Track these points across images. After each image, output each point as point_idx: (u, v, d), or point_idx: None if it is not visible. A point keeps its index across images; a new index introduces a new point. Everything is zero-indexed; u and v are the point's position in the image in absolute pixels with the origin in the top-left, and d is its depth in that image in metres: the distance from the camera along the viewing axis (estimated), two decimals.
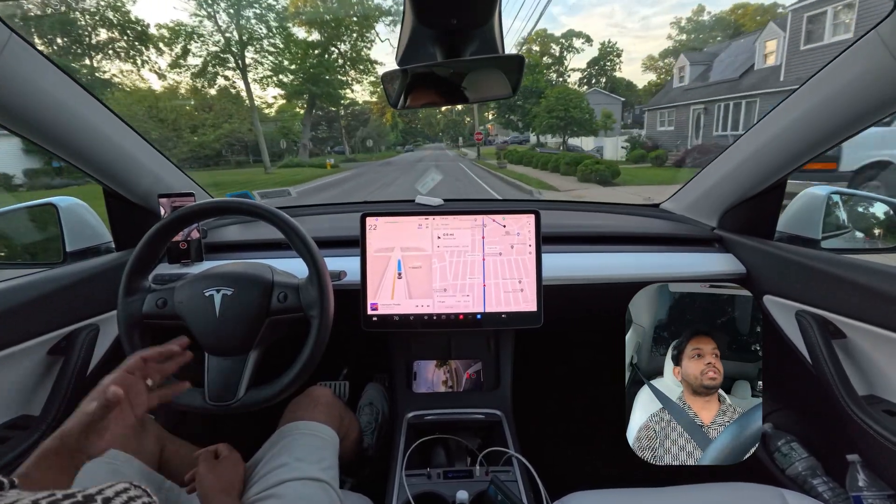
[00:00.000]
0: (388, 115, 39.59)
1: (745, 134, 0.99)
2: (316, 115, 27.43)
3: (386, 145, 41.44)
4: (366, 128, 36.46)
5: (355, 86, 25.07)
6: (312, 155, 25.51)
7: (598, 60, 32.27)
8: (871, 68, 0.68)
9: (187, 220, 0.81)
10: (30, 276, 0.86)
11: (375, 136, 36.91)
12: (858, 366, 0.84)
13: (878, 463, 0.77)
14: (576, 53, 30.45)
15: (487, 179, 12.19)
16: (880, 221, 1.12)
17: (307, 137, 23.93)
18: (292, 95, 23.33)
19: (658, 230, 1.21)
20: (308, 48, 21.54)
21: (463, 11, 0.57)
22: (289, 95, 23.60)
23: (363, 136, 35.12)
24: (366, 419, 1.19)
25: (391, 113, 38.53)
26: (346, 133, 32.93)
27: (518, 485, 0.83)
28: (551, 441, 1.31)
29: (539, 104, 21.14)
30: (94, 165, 0.94)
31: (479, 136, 27.87)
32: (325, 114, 30.56)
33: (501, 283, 0.96)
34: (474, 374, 1.11)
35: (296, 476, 0.69)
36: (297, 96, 23.26)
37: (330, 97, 23.57)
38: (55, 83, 0.78)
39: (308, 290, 0.78)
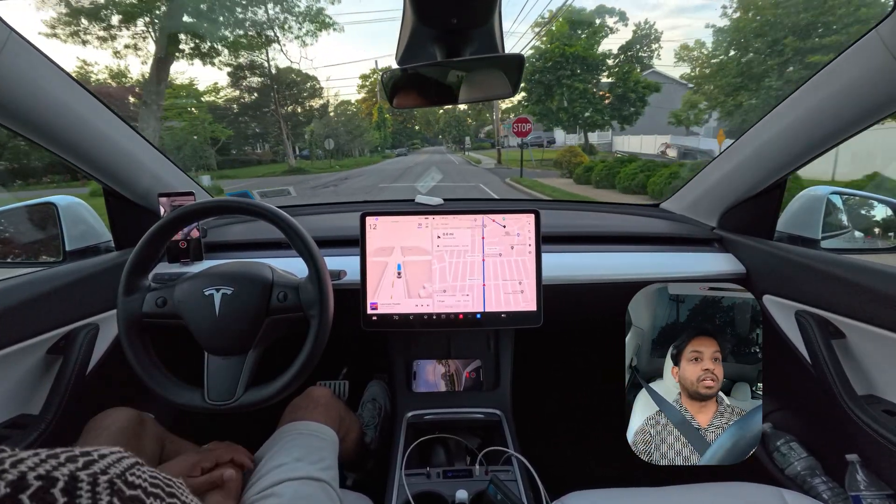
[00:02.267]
0: (374, 111, 35.03)
1: (745, 134, 0.99)
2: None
3: (369, 148, 32.88)
4: (323, 122, 26.08)
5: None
6: (244, 163, 20.21)
7: (630, 45, 20.42)
8: (871, 68, 0.68)
9: (187, 220, 0.81)
10: (29, 275, 0.86)
11: (343, 134, 26.69)
12: (858, 366, 0.84)
13: (878, 463, 0.77)
14: (607, 35, 19.19)
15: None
16: (880, 221, 1.12)
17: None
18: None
19: (658, 230, 1.21)
20: None
21: (463, 11, 0.57)
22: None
23: (324, 134, 24.89)
24: (368, 415, 1.20)
25: (377, 109, 34.50)
26: (285, 126, 23.01)
27: (517, 484, 0.83)
28: (551, 440, 1.31)
29: (592, 84, 16.02)
30: (94, 164, 0.94)
31: (522, 126, 12.73)
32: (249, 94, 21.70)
33: (501, 284, 0.96)
34: (474, 374, 1.11)
35: (295, 476, 0.69)
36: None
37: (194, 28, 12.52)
38: (54, 82, 0.77)
39: (308, 289, 0.78)
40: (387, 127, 37.43)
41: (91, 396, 0.86)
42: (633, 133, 19.68)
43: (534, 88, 17.53)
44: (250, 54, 17.70)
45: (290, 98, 25.50)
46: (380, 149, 35.68)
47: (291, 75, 24.26)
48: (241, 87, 23.16)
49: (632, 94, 16.98)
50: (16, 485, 0.20)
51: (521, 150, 14.34)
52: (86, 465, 0.24)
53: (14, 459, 0.22)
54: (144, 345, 0.78)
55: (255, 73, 22.65)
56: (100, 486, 0.23)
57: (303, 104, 26.55)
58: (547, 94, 17.40)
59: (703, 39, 26.37)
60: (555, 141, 24.01)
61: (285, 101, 25.17)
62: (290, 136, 23.76)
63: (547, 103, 17.53)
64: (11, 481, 0.20)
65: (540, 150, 19.06)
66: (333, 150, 26.40)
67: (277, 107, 23.73)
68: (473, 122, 44.85)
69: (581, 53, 16.67)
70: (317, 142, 24.98)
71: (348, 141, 27.88)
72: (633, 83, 17.16)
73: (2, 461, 0.21)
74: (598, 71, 17.38)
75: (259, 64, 21.40)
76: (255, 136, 26.04)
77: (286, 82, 24.63)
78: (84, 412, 0.77)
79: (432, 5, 0.56)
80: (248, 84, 23.18)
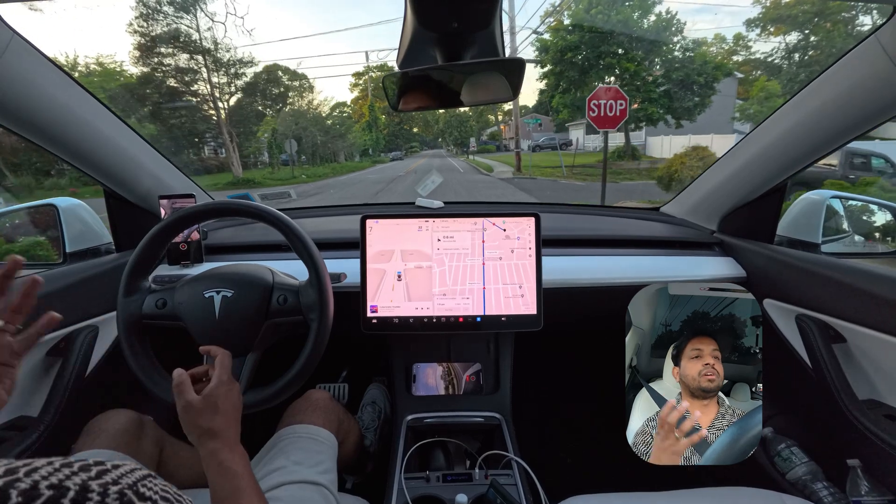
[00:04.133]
0: (365, 111, 32.03)
1: (745, 138, 0.99)
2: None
3: (358, 150, 28.11)
4: (286, 118, 20.06)
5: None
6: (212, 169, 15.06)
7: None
8: (871, 73, 0.68)
9: (187, 222, 0.81)
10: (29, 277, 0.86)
11: (318, 134, 21.05)
12: (859, 370, 0.84)
13: (879, 468, 0.77)
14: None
15: None
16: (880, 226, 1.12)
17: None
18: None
19: (658, 234, 1.21)
20: None
21: (464, 14, 0.58)
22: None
23: (288, 133, 18.92)
24: (368, 418, 1.20)
25: (367, 108, 31.94)
26: (226, 123, 16.91)
27: (518, 488, 0.83)
28: (551, 445, 1.31)
29: (644, 65, 11.55)
30: (95, 166, 0.94)
31: (608, 103, 6.17)
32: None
33: (502, 287, 0.96)
34: (474, 377, 1.11)
35: (293, 479, 0.69)
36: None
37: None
38: (57, 84, 0.78)
39: (308, 292, 0.78)
40: (379, 128, 33.70)
41: (90, 398, 0.85)
42: (655, 133, 15.70)
43: (564, 72, 13.28)
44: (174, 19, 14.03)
45: (234, 85, 18.04)
46: (371, 152, 31.73)
47: (229, 54, 17.45)
48: (162, 68, 16.42)
49: (699, 79, 12.57)
50: (28, 494, 0.20)
51: (605, 151, 7.78)
52: (98, 475, 0.24)
53: (28, 469, 0.22)
54: (144, 347, 0.78)
55: (179, 46, 16.10)
56: (110, 496, 0.23)
57: (254, 94, 19.05)
58: (581, 80, 13.15)
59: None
60: (571, 143, 18.17)
61: (226, 88, 17.69)
62: (233, 136, 17.15)
63: (580, 92, 12.83)
64: (24, 490, 0.21)
65: (571, 155, 14.49)
66: (310, 155, 21.47)
67: (211, 87, 16.89)
68: (475, 123, 42.49)
69: (631, 23, 12.05)
70: (278, 144, 18.81)
71: (325, 142, 22.25)
72: (701, 64, 12.72)
73: (16, 469, 0.22)
74: (655, 47, 12.80)
75: (185, 35, 15.79)
76: (194, 134, 18.09)
77: (224, 62, 17.39)
78: (83, 414, 0.77)
79: (433, 9, 0.57)
80: (172, 64, 16.49)
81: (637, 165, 11.81)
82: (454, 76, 0.68)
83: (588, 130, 17.71)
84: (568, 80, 13.58)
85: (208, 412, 0.60)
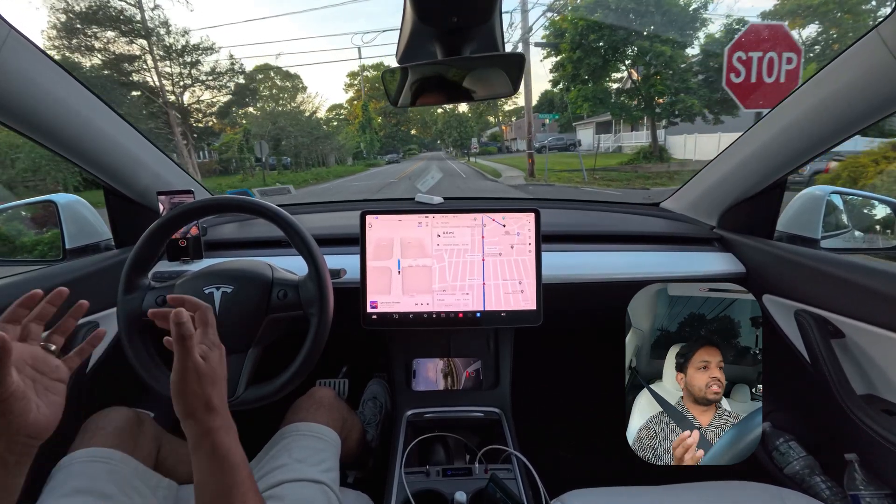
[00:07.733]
0: (358, 111, 29.92)
1: (746, 133, 0.99)
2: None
3: (350, 153, 25.75)
4: (256, 116, 17.74)
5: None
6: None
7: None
8: (872, 68, 0.68)
9: (187, 218, 0.81)
10: (29, 273, 0.86)
11: (298, 135, 18.49)
12: (857, 365, 0.84)
13: (876, 462, 0.78)
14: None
15: None
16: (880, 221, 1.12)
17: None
18: None
19: (658, 229, 1.21)
20: None
21: (464, 9, 0.57)
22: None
23: (261, 134, 17.04)
24: (369, 413, 1.20)
25: (360, 107, 30.09)
26: (175, 121, 14.11)
27: (517, 483, 0.83)
28: (550, 439, 1.31)
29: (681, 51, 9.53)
30: (94, 162, 0.94)
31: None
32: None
33: (501, 283, 0.96)
34: (473, 373, 1.11)
35: (295, 477, 0.69)
36: None
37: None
38: (54, 80, 0.77)
39: (308, 287, 0.78)
40: (374, 129, 30.14)
41: (90, 395, 0.86)
42: (676, 132, 13.48)
43: (584, 60, 11.11)
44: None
45: (190, 76, 14.87)
46: (365, 155, 28.46)
47: (182, 38, 14.32)
48: (91, 54, 13.20)
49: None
50: None
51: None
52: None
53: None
54: (144, 343, 0.78)
55: (111, 26, 13.01)
56: None
57: (217, 87, 15.93)
58: (604, 68, 11.05)
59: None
60: (580, 143, 16.53)
61: (178, 80, 14.78)
62: (189, 136, 14.75)
63: (603, 82, 10.73)
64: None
65: (590, 157, 12.84)
66: (294, 158, 18.71)
67: (159, 77, 14.06)
68: (475, 123, 40.64)
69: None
70: (249, 146, 16.32)
71: (309, 145, 19.34)
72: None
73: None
74: (693, 30, 10.28)
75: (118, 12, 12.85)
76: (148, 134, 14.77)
77: (176, 49, 14.33)
78: (83, 411, 0.77)
79: (433, 4, 0.56)
80: (104, 48, 13.22)
81: (667, 168, 10.08)
82: (454, 71, 0.68)
83: (598, 130, 15.31)
84: (589, 67, 11.22)
85: (208, 381, 0.50)
